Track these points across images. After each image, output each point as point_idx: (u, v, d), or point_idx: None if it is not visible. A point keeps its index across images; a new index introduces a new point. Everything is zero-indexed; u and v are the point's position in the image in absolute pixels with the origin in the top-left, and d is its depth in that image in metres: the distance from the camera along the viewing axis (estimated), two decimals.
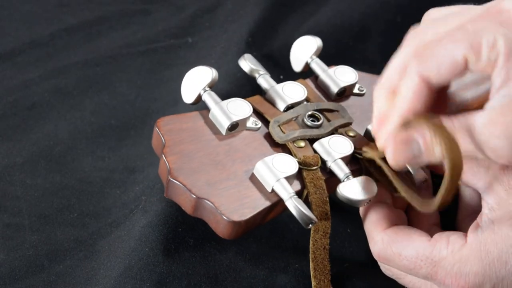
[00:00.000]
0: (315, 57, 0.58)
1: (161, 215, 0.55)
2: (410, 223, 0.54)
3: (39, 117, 0.66)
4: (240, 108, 0.52)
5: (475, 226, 0.48)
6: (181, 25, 0.77)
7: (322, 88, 0.57)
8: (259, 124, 0.53)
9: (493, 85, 0.43)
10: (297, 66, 0.58)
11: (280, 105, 0.54)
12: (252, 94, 0.55)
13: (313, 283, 0.50)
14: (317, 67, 0.57)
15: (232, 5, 0.79)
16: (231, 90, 0.65)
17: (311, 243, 0.50)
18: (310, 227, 0.48)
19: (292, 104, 0.54)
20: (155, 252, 0.53)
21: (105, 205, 0.60)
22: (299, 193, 0.50)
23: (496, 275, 0.46)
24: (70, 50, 0.74)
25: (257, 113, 0.54)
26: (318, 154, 0.52)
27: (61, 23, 0.77)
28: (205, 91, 0.52)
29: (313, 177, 0.50)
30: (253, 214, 0.48)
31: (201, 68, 0.53)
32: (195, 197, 0.48)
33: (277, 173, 0.49)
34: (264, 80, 0.55)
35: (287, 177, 0.49)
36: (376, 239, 0.50)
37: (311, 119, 0.54)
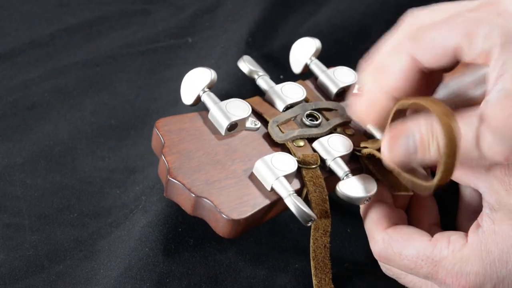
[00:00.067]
0: (314, 58, 0.58)
1: (161, 215, 0.55)
2: (411, 223, 0.54)
3: (39, 117, 0.66)
4: (239, 109, 0.52)
5: (476, 226, 0.48)
6: (181, 25, 0.77)
7: (322, 89, 0.57)
8: (258, 124, 0.53)
9: (489, 79, 0.43)
10: (296, 67, 0.59)
11: (279, 105, 0.54)
12: (252, 94, 0.55)
13: (314, 281, 0.50)
14: (316, 68, 0.58)
15: (232, 5, 0.79)
16: (231, 90, 0.65)
17: (311, 241, 0.50)
18: (309, 224, 0.48)
19: (291, 104, 0.54)
20: (155, 252, 0.53)
21: (105, 205, 0.60)
22: (298, 192, 0.50)
23: (497, 275, 0.46)
24: (70, 50, 0.74)
25: (256, 114, 0.54)
26: (318, 153, 0.52)
27: (61, 23, 0.77)
28: (204, 92, 0.52)
29: (312, 176, 0.50)
30: (252, 212, 0.48)
31: (200, 69, 0.53)
32: (194, 196, 0.48)
33: (276, 172, 0.49)
34: (263, 81, 0.55)
35: (286, 175, 0.49)
36: (376, 238, 0.50)
37: (309, 118, 0.54)
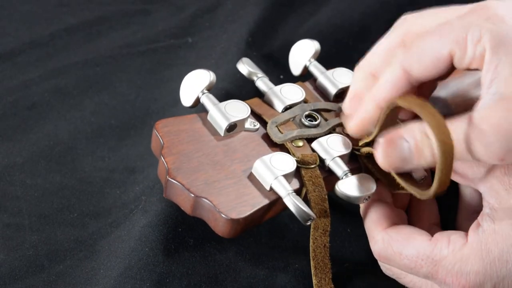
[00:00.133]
0: (313, 60, 0.58)
1: (161, 215, 0.55)
2: (411, 223, 0.54)
3: (39, 117, 0.66)
4: (238, 109, 0.52)
5: (476, 226, 0.48)
6: (181, 25, 0.77)
7: (321, 90, 0.57)
8: (257, 125, 0.53)
9: (483, 83, 0.43)
10: (296, 69, 0.59)
11: (278, 106, 0.54)
12: (252, 94, 0.55)
13: (314, 281, 0.50)
14: (315, 70, 0.58)
15: (232, 5, 0.79)
16: (232, 90, 0.65)
17: (311, 241, 0.50)
18: (309, 223, 0.48)
19: (290, 105, 0.54)
20: (155, 252, 0.53)
21: (105, 205, 0.60)
22: (297, 192, 0.50)
23: (497, 274, 0.46)
24: (70, 50, 0.74)
25: (255, 115, 0.54)
26: (317, 153, 0.52)
27: (61, 23, 0.77)
28: (203, 94, 0.52)
29: (311, 175, 0.50)
30: (251, 212, 0.48)
31: (199, 71, 0.53)
32: (193, 196, 0.48)
33: (275, 171, 0.49)
34: (262, 82, 0.56)
35: (285, 175, 0.49)
36: (376, 238, 0.50)
37: (308, 119, 0.54)
